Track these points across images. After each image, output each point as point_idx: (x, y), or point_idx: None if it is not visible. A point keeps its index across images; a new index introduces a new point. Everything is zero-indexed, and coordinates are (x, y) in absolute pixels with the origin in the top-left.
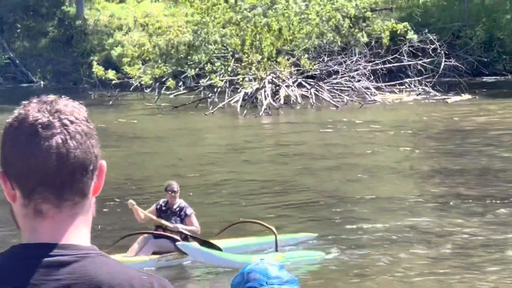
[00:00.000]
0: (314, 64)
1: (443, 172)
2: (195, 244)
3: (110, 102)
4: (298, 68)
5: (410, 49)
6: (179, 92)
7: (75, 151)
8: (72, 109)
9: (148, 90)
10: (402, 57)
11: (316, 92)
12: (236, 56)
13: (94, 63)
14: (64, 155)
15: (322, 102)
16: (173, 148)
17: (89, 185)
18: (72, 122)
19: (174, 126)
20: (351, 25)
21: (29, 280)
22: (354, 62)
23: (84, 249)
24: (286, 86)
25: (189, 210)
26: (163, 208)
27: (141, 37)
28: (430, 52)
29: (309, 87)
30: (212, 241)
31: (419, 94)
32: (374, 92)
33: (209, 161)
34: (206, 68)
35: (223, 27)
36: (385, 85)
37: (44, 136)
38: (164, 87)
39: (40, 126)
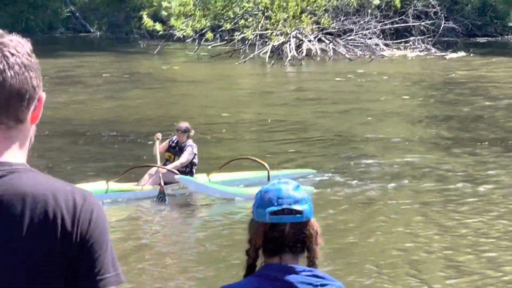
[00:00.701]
0: (332, 23)
1: (439, 117)
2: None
3: (156, 51)
4: (319, 25)
5: (415, 11)
6: (216, 44)
7: (11, 80)
8: (15, 43)
9: (189, 41)
10: (408, 19)
11: (333, 47)
12: (266, 14)
13: (144, 16)
14: (0, 82)
15: (338, 55)
16: (209, 91)
17: (24, 113)
18: (12, 54)
19: (210, 72)
20: None
21: None
22: (366, 22)
23: (14, 165)
24: (308, 40)
25: (189, 149)
26: (173, 145)
27: None
28: (432, 15)
29: (327, 42)
30: (214, 174)
31: (422, 51)
32: (383, 48)
33: (239, 103)
34: (240, 23)
35: None
36: (392, 43)
37: None
38: (203, 39)
39: None
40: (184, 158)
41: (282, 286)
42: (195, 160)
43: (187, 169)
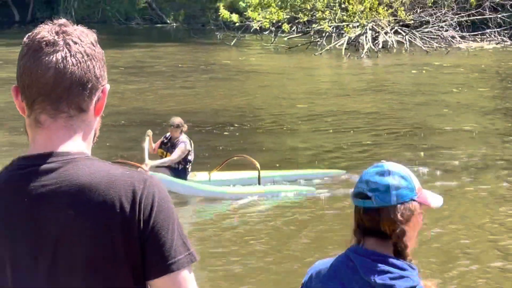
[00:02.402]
0: (409, 15)
1: None
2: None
3: (232, 42)
4: (395, 17)
5: (491, 4)
6: (293, 35)
7: (73, 67)
8: (79, 32)
9: (266, 32)
10: (484, 11)
11: (410, 39)
12: (343, 6)
13: (221, 7)
14: (61, 69)
15: (415, 47)
16: (285, 82)
17: (86, 102)
18: (75, 43)
19: (287, 64)
20: None
21: (23, 188)
22: (443, 14)
23: (72, 154)
24: (384, 33)
25: (181, 145)
26: (165, 141)
27: None
28: (509, 7)
29: (404, 34)
30: (214, 172)
31: (498, 43)
32: (459, 41)
33: (315, 94)
34: (317, 15)
35: None
36: (469, 35)
37: (46, 52)
38: (280, 31)
39: (44, 43)
40: (175, 155)
41: (352, 267)
42: (190, 157)
43: (180, 166)
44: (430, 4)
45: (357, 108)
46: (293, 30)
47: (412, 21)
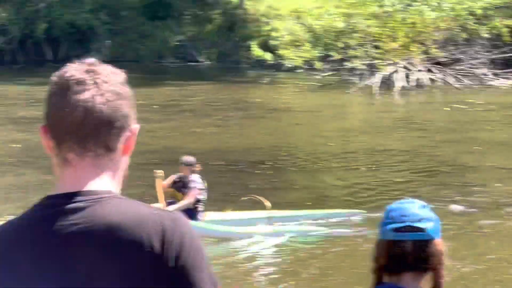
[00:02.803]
0: (441, 52)
1: None
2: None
3: (265, 81)
4: (428, 55)
5: None
6: (325, 74)
7: (102, 105)
8: (108, 72)
9: (299, 70)
10: None
11: (443, 76)
12: (375, 44)
13: (254, 46)
14: (90, 107)
15: (447, 85)
16: (317, 120)
17: (114, 141)
18: (105, 82)
19: (319, 102)
20: (475, 21)
21: (50, 227)
22: (475, 52)
23: (100, 193)
24: (417, 70)
25: (193, 184)
26: (177, 180)
27: (294, 24)
28: None
29: (436, 71)
30: (228, 212)
31: None
32: (492, 78)
33: (347, 132)
34: (349, 53)
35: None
36: (502, 72)
37: (75, 90)
38: (312, 68)
39: (73, 81)
40: (188, 200)
41: None
42: (202, 196)
43: (191, 206)
44: (462, 39)
45: (388, 145)
46: (326, 69)
47: (445, 58)
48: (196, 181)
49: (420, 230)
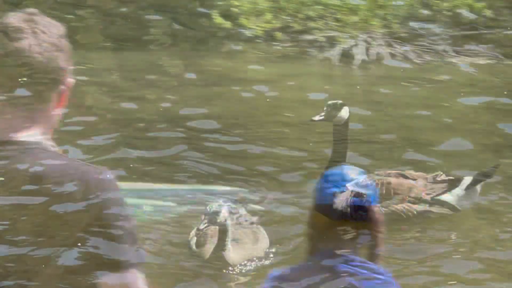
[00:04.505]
0: (402, 27)
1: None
2: None
3: (224, 50)
4: (389, 29)
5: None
6: (285, 44)
7: (38, 55)
8: (48, 23)
9: (259, 40)
10: (478, 26)
11: (402, 51)
12: (336, 16)
13: (215, 14)
14: (25, 56)
15: (407, 60)
16: (275, 91)
17: (48, 93)
18: (43, 32)
19: (278, 72)
20: None
21: None
22: (437, 27)
23: (28, 144)
24: (377, 44)
25: None
26: None
27: None
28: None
29: (396, 46)
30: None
31: (491, 58)
32: (452, 55)
33: (305, 104)
34: (310, 25)
35: None
36: (462, 49)
37: (12, 37)
38: (271, 39)
39: (11, 29)
40: None
41: (329, 275)
42: None
43: None
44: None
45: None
46: (287, 40)
47: (405, 34)
48: None
49: (360, 195)
